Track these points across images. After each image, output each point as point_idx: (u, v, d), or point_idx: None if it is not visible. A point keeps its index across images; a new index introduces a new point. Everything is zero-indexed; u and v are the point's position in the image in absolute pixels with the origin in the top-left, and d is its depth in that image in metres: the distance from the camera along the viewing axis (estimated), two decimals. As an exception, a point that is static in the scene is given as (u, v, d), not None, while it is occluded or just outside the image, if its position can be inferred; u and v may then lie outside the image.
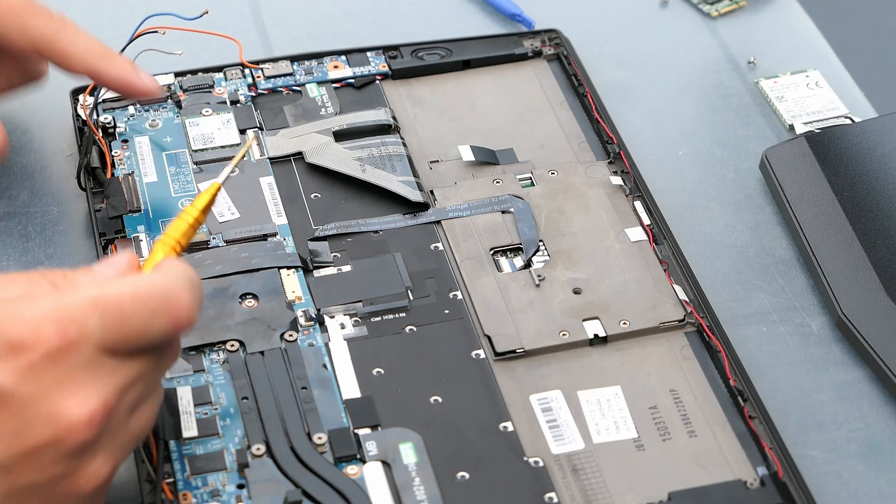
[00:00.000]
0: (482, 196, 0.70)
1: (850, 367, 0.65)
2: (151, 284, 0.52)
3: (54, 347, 0.50)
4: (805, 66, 0.80)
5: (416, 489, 0.57)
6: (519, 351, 0.63)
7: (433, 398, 0.61)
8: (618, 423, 0.60)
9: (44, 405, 0.50)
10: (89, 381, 0.51)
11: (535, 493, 0.58)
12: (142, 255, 0.67)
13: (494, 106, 0.76)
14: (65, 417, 0.50)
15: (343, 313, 0.65)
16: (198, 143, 0.72)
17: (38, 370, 0.50)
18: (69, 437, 0.50)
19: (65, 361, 0.50)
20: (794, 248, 0.70)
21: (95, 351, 0.51)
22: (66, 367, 0.50)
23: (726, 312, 0.66)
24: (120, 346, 0.52)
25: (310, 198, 0.70)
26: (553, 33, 0.80)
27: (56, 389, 0.50)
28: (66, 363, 0.50)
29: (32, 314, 0.50)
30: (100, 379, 0.51)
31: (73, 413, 0.50)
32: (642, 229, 0.68)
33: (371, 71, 0.77)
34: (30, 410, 0.50)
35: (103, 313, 0.51)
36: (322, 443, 0.59)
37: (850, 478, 0.60)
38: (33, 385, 0.50)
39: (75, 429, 0.50)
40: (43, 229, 0.70)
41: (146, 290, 0.52)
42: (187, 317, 0.53)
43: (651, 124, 0.77)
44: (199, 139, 0.73)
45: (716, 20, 0.83)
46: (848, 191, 0.69)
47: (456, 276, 0.66)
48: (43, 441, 0.50)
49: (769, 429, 0.60)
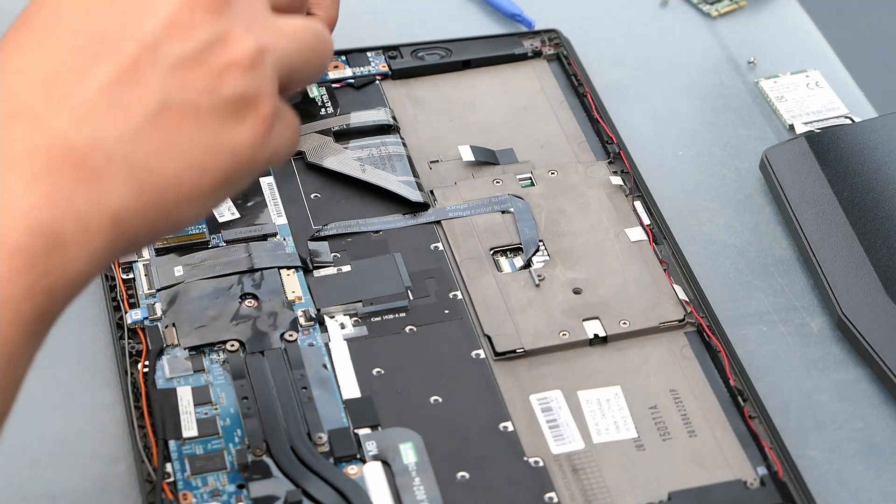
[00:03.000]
0: (482, 196, 0.70)
1: (850, 367, 0.65)
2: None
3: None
4: (805, 66, 0.80)
5: (416, 489, 0.58)
6: (519, 351, 0.63)
7: (433, 398, 0.61)
8: (618, 423, 0.60)
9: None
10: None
11: (535, 493, 0.58)
12: (140, 254, 0.67)
13: (494, 106, 0.76)
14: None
15: (343, 313, 0.65)
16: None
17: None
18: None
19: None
20: (794, 248, 0.70)
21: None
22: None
23: (726, 312, 0.66)
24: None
25: (310, 198, 0.70)
26: (553, 33, 0.80)
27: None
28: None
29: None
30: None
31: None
32: (642, 229, 0.68)
33: (371, 71, 0.77)
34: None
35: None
36: (322, 443, 0.59)
37: (850, 478, 0.60)
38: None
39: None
40: (43, 229, 0.70)
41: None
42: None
43: (651, 124, 0.77)
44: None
45: (716, 20, 0.83)
46: (848, 191, 0.69)
47: (456, 276, 0.66)
48: (178, 5, 0.48)
49: (769, 429, 0.60)
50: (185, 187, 0.47)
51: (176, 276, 0.65)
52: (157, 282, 0.65)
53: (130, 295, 0.65)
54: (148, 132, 0.46)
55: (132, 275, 0.66)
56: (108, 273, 0.66)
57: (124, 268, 0.66)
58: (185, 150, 0.47)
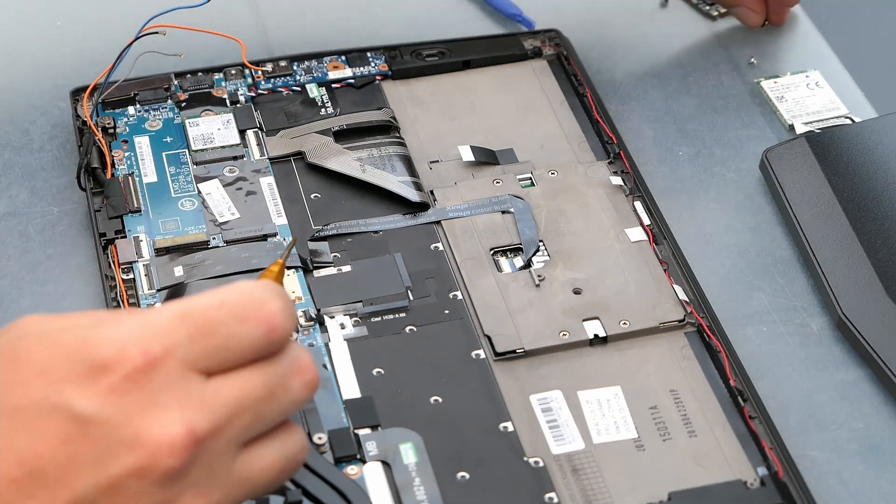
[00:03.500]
0: (482, 196, 0.70)
1: (850, 367, 0.65)
2: (239, 290, 0.49)
3: (137, 367, 0.46)
4: (805, 66, 0.80)
5: (416, 489, 0.57)
6: (519, 351, 0.63)
7: (433, 398, 0.61)
8: (618, 423, 0.60)
9: (125, 430, 0.46)
10: (174, 402, 0.47)
11: (535, 494, 0.58)
12: (141, 254, 0.67)
13: (494, 106, 0.76)
14: (146, 442, 0.46)
15: (343, 313, 0.65)
16: (198, 143, 0.72)
17: (120, 392, 0.46)
18: (153, 463, 0.46)
19: (148, 382, 0.47)
20: (794, 248, 0.70)
21: (182, 367, 0.47)
22: (150, 388, 0.47)
23: (726, 312, 0.66)
24: (210, 360, 0.48)
25: (310, 198, 0.70)
26: (553, 33, 0.80)
27: (138, 413, 0.46)
28: (149, 384, 0.47)
29: (116, 334, 0.47)
30: (187, 400, 0.47)
31: (155, 437, 0.46)
32: (642, 229, 0.68)
33: (371, 71, 0.77)
34: (111, 437, 0.46)
35: (189, 324, 0.47)
36: (322, 443, 0.59)
37: (850, 478, 0.60)
38: (114, 409, 0.46)
39: (158, 455, 0.46)
40: (43, 229, 0.70)
41: (234, 296, 0.48)
42: (280, 322, 0.48)
43: (651, 124, 0.77)
44: (200, 139, 0.73)
45: (716, 20, 0.83)
46: (848, 191, 0.69)
47: (456, 276, 0.66)
48: (126, 470, 0.46)
49: (769, 429, 0.60)
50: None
51: (176, 276, 0.65)
52: (157, 282, 0.65)
53: (130, 295, 0.65)
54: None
55: (132, 275, 0.66)
56: (109, 273, 0.66)
57: (124, 268, 0.66)
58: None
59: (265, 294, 0.49)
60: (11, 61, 0.79)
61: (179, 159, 0.72)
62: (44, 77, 0.77)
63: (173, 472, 0.46)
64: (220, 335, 0.48)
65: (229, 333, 0.48)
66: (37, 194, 0.72)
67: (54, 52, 0.79)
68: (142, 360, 0.47)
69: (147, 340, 0.47)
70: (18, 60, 0.79)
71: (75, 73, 0.76)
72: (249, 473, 0.49)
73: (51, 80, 0.74)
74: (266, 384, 0.49)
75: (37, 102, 0.76)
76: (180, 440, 0.46)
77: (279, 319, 0.48)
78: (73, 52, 0.71)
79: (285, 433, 0.50)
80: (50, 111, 0.76)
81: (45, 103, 0.76)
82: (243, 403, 0.48)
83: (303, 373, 0.49)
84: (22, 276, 0.68)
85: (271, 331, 0.48)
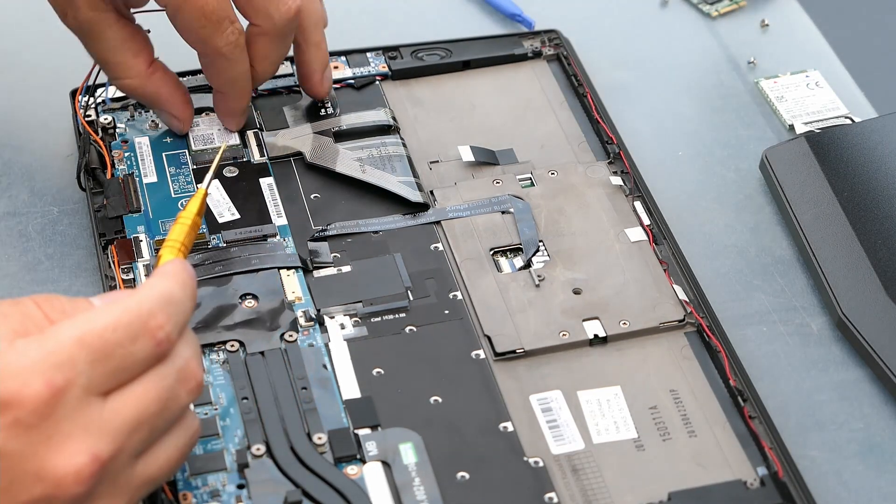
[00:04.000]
0: (482, 196, 0.70)
1: (850, 367, 0.65)
2: (128, 309, 0.51)
3: (42, 400, 0.48)
4: (805, 66, 0.80)
5: (415, 489, 0.57)
6: (519, 351, 0.63)
7: (433, 398, 0.61)
8: (618, 423, 0.60)
9: (32, 462, 0.48)
10: (78, 430, 0.49)
11: (534, 493, 0.58)
12: (141, 254, 0.67)
13: (494, 106, 0.76)
14: (53, 473, 0.48)
15: (343, 313, 0.65)
16: (198, 143, 0.72)
17: (26, 426, 0.48)
18: (59, 492, 0.48)
19: (52, 413, 0.48)
20: (794, 248, 0.70)
21: (84, 394, 0.49)
22: (54, 420, 0.48)
23: (726, 312, 0.66)
24: (109, 382, 0.50)
25: (310, 198, 0.70)
26: (553, 34, 0.80)
27: (44, 444, 0.48)
28: (53, 415, 0.48)
29: (18, 367, 0.48)
30: (89, 427, 0.49)
31: (61, 468, 0.48)
32: (642, 229, 0.68)
33: (371, 71, 0.77)
34: (18, 468, 0.48)
35: (88, 350, 0.49)
36: (322, 443, 0.59)
37: (850, 478, 0.60)
38: (21, 442, 0.48)
39: (64, 484, 0.48)
40: (43, 229, 0.70)
41: (126, 315, 0.51)
42: (166, 335, 0.51)
43: (651, 124, 0.77)
44: (199, 140, 0.73)
45: (716, 20, 0.83)
46: (848, 191, 0.69)
47: (456, 276, 0.66)
48: (33, 498, 0.48)
49: (769, 429, 0.60)
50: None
51: (176, 277, 0.65)
52: (157, 282, 0.65)
53: (130, 295, 0.65)
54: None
55: (132, 275, 0.66)
56: (109, 273, 0.66)
57: (124, 268, 0.66)
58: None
59: (152, 307, 0.51)
60: (11, 61, 0.79)
61: (179, 159, 0.72)
62: (44, 77, 0.77)
63: (80, 497, 0.49)
64: (117, 357, 0.50)
65: (125, 354, 0.50)
66: (37, 194, 0.72)
67: (54, 52, 0.78)
68: (47, 392, 0.48)
69: (49, 371, 0.49)
70: (18, 60, 0.79)
71: (75, 74, 0.76)
72: (150, 474, 0.52)
73: (51, 80, 0.74)
74: (160, 397, 0.51)
75: (37, 102, 0.76)
76: (87, 468, 0.49)
77: (164, 333, 0.51)
78: (74, 52, 0.71)
79: (175, 427, 0.53)
80: (50, 111, 0.76)
81: (45, 103, 0.76)
82: (140, 419, 0.51)
83: (188, 380, 0.53)
84: (22, 276, 0.68)
85: (159, 344, 0.51)
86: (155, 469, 0.52)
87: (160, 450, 0.52)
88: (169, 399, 0.52)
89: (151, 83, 0.69)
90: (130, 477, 0.51)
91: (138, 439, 0.51)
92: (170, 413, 0.52)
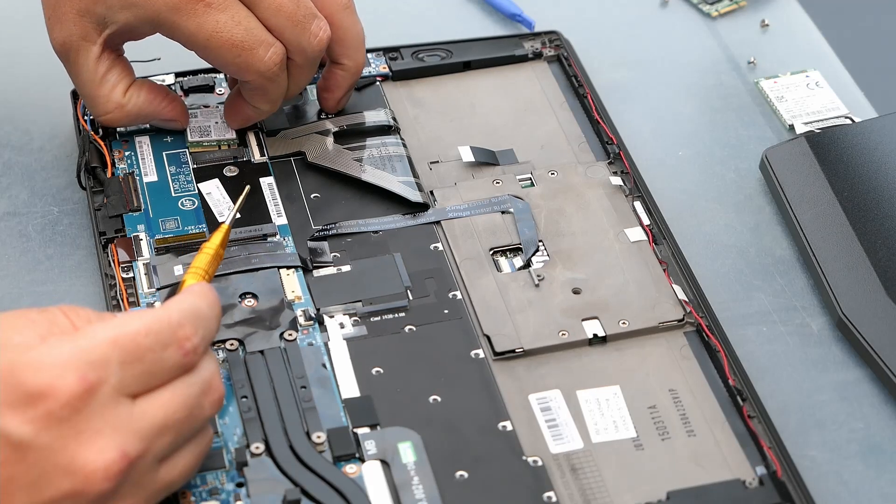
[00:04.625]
0: (482, 196, 0.70)
1: (850, 367, 0.65)
2: (159, 318, 0.53)
3: (74, 395, 0.49)
4: (805, 66, 0.80)
5: (414, 488, 0.57)
6: (518, 351, 0.63)
7: (432, 398, 0.61)
8: (617, 422, 0.60)
9: (62, 455, 0.49)
10: (108, 428, 0.50)
11: (533, 493, 0.58)
12: (141, 253, 0.67)
13: (494, 107, 0.76)
14: (82, 468, 0.49)
15: (343, 313, 0.65)
16: (194, 134, 0.72)
17: (57, 419, 0.49)
18: (87, 488, 0.50)
19: (84, 408, 0.50)
20: (794, 248, 0.70)
21: (114, 393, 0.50)
22: (85, 415, 0.50)
23: (726, 312, 0.66)
24: (139, 385, 0.52)
25: (310, 198, 0.70)
26: (553, 35, 0.80)
27: (74, 439, 0.49)
28: (85, 410, 0.50)
29: (52, 360, 0.50)
30: (119, 425, 0.50)
31: (91, 463, 0.50)
32: (642, 229, 0.68)
33: (371, 72, 0.77)
34: (48, 461, 0.49)
35: (121, 351, 0.51)
36: (321, 442, 0.59)
37: (850, 478, 0.60)
38: (52, 435, 0.49)
39: (93, 479, 0.50)
40: (43, 229, 0.70)
41: (157, 323, 0.52)
42: (193, 346, 0.53)
43: (651, 124, 0.77)
44: (196, 132, 0.72)
45: (716, 20, 0.83)
46: (848, 191, 0.69)
47: (455, 276, 0.66)
48: (61, 493, 0.49)
49: (768, 428, 0.60)
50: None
51: (176, 276, 0.65)
52: (157, 281, 0.65)
53: (130, 294, 0.65)
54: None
55: (132, 274, 0.66)
56: (109, 272, 0.66)
57: (124, 267, 0.66)
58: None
59: (181, 318, 0.54)
60: (11, 61, 0.79)
61: (179, 159, 0.72)
62: (44, 77, 0.77)
63: (106, 493, 0.50)
64: (147, 361, 0.52)
65: (154, 359, 0.52)
66: (37, 194, 0.72)
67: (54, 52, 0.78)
68: (80, 387, 0.50)
69: (83, 368, 0.50)
70: (18, 60, 0.79)
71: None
72: (170, 479, 0.54)
73: (51, 80, 0.74)
74: (186, 404, 0.53)
75: (37, 102, 0.76)
76: (116, 465, 0.50)
77: (192, 345, 0.53)
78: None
79: (196, 436, 0.55)
80: (50, 111, 0.76)
81: (45, 103, 0.76)
82: (167, 424, 0.52)
83: (212, 392, 0.54)
84: (22, 276, 0.68)
85: (186, 355, 0.53)
86: (175, 474, 0.54)
87: (181, 456, 0.54)
88: (194, 407, 0.54)
89: (132, 107, 0.69)
90: (152, 480, 0.52)
91: (164, 443, 0.52)
92: (194, 421, 0.54)
